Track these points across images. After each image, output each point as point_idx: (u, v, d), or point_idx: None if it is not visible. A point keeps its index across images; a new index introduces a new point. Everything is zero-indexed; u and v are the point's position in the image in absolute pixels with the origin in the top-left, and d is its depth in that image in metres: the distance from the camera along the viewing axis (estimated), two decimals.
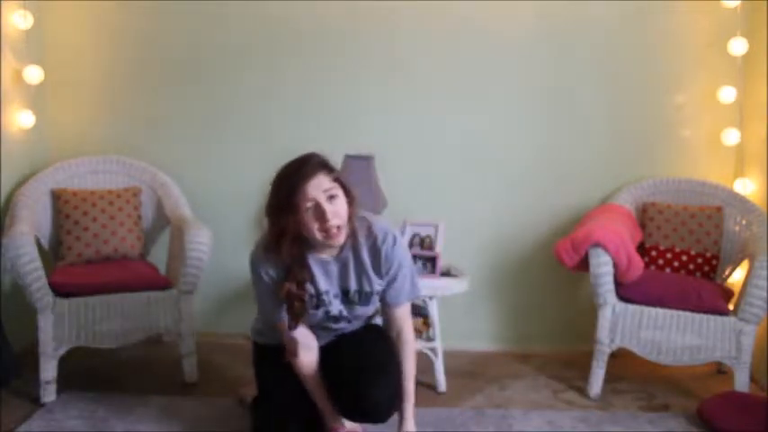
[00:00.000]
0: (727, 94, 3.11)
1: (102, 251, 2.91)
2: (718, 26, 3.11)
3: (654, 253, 2.99)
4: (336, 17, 3.19)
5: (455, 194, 3.26)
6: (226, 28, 3.22)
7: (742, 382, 2.64)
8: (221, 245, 3.04)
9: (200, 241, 2.74)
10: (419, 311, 2.78)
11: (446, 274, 2.92)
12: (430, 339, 2.82)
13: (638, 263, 2.76)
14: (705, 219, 2.97)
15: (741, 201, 3.01)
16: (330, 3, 3.17)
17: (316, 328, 2.19)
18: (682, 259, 2.95)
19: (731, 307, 2.72)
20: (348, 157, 3.01)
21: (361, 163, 2.99)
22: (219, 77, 3.25)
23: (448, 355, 2.90)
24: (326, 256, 2.11)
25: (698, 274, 2.93)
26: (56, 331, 2.58)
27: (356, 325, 2.27)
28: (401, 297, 2.18)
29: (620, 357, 2.98)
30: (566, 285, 3.27)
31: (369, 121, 3.26)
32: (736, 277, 2.97)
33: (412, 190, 3.25)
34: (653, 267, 2.97)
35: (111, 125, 3.30)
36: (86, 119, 3.30)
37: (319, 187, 1.96)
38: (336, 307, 2.16)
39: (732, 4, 3.07)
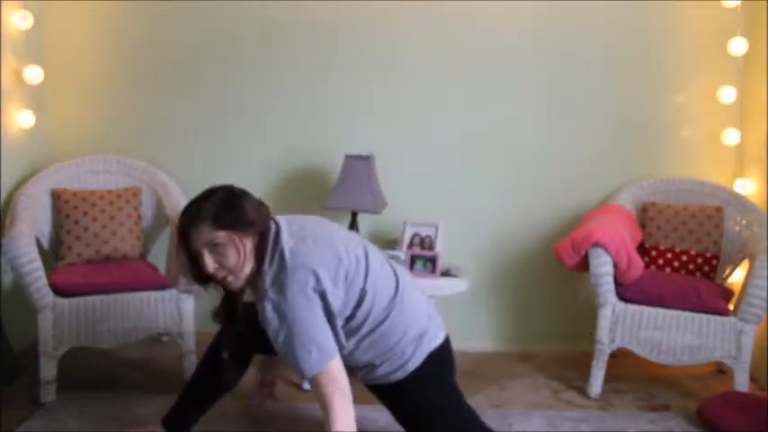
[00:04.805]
0: (727, 94, 3.11)
1: (102, 251, 2.91)
2: (719, 26, 3.11)
3: (654, 253, 2.99)
4: (336, 17, 3.19)
5: (455, 194, 3.26)
6: (226, 28, 3.22)
7: (742, 382, 2.64)
8: None
9: None
10: None
11: (446, 274, 2.92)
12: None
13: (638, 263, 2.76)
14: (705, 219, 2.97)
15: (741, 201, 3.01)
16: (330, 3, 3.17)
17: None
18: (682, 259, 2.95)
19: (731, 307, 2.72)
20: (348, 157, 3.01)
21: (361, 163, 2.99)
22: (219, 77, 3.25)
23: None
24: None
25: (698, 274, 2.93)
26: (56, 331, 2.58)
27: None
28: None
29: (620, 357, 2.98)
30: (566, 285, 3.27)
31: (369, 121, 3.26)
32: (737, 277, 2.97)
33: (412, 190, 3.24)
34: (653, 267, 2.97)
35: (111, 125, 3.30)
36: (86, 119, 3.30)
37: (200, 239, 1.86)
38: None
39: (732, 4, 3.07)
